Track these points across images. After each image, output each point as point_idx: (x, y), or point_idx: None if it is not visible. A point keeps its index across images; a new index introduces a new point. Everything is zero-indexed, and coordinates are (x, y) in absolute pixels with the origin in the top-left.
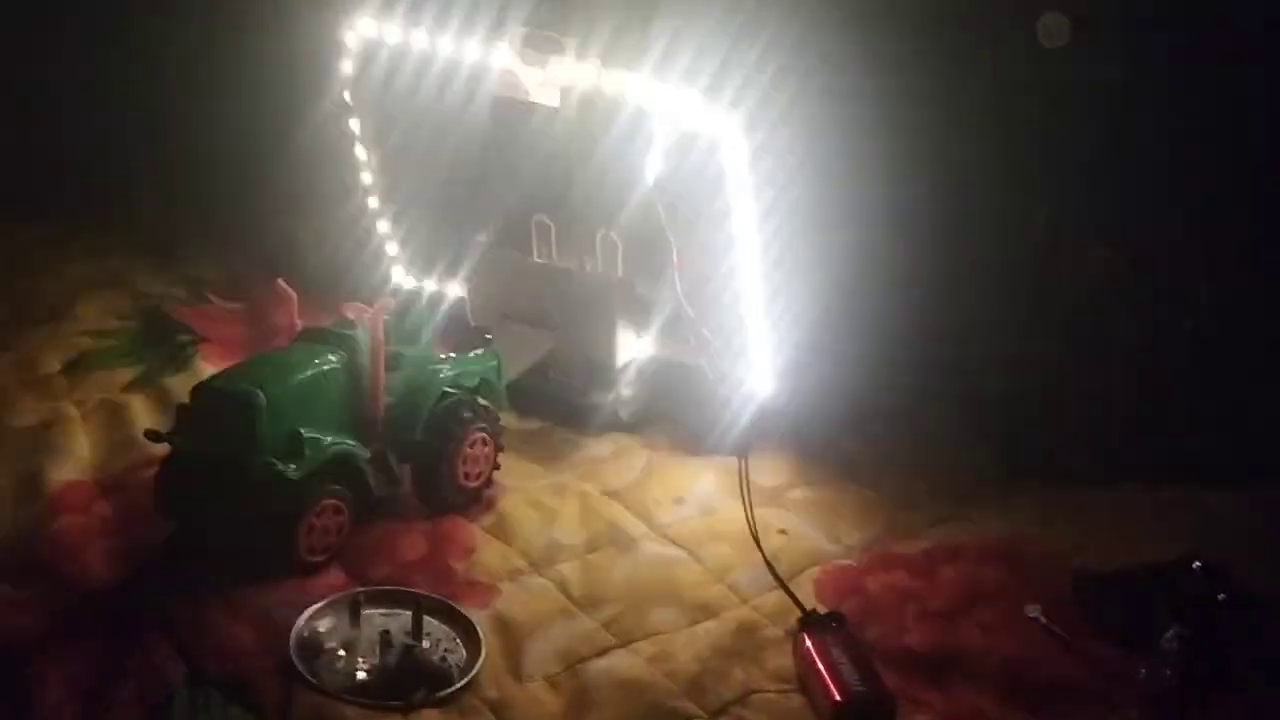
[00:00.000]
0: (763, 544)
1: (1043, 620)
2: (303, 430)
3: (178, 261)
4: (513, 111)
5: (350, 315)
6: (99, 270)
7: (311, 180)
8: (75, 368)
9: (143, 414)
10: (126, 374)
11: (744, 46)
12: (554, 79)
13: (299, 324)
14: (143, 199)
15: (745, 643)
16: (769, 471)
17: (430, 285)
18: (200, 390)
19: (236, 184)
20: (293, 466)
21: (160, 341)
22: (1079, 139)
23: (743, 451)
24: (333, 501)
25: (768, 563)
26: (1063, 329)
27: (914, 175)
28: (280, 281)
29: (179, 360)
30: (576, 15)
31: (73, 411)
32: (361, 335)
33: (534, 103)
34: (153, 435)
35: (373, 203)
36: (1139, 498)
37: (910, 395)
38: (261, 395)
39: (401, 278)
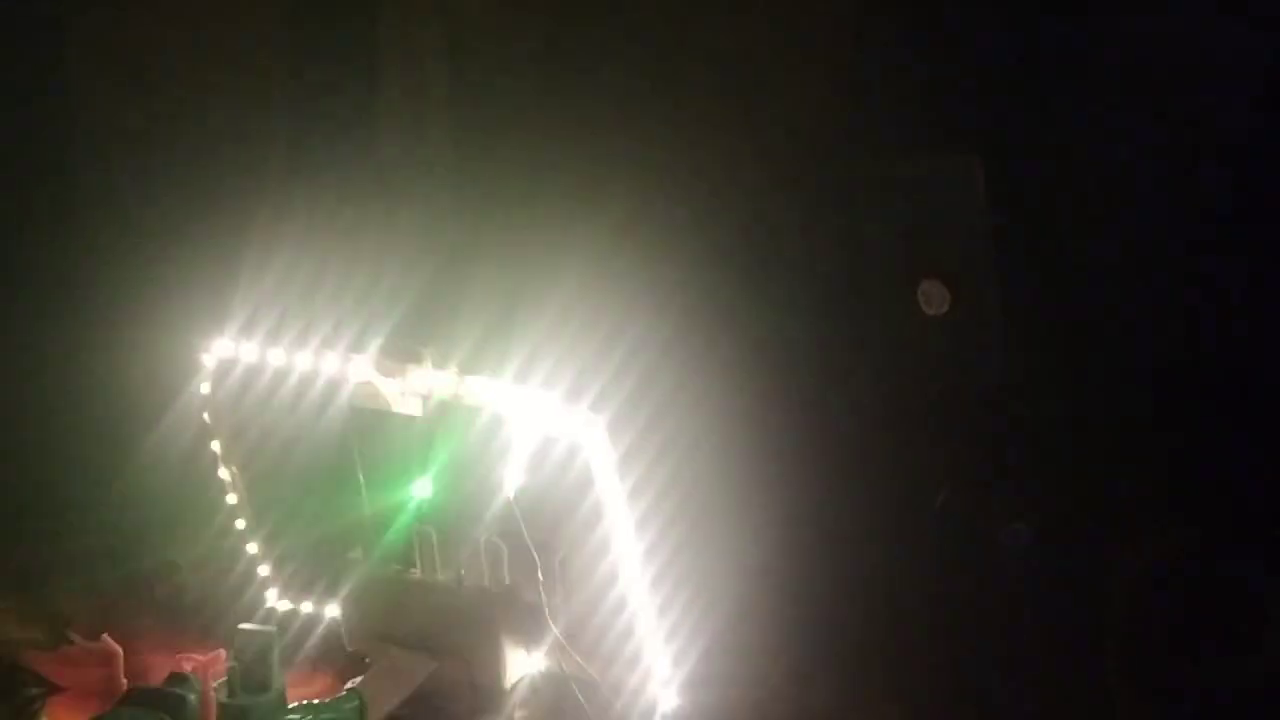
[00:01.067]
0: None
1: None
2: None
3: (40, 599)
4: (373, 420)
5: (185, 668)
6: None
7: (183, 502)
8: None
9: None
10: None
11: (608, 352)
12: (413, 388)
13: (125, 683)
14: (5, 532)
15: None
16: None
17: (306, 608)
18: None
19: (105, 509)
20: None
21: (6, 697)
22: (966, 414)
23: None
24: None
25: None
26: (979, 609)
27: (804, 470)
28: (106, 636)
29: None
30: (437, 327)
31: None
32: (193, 695)
33: (394, 413)
34: None
35: (241, 524)
36: None
37: (841, 694)
38: None
39: (276, 601)
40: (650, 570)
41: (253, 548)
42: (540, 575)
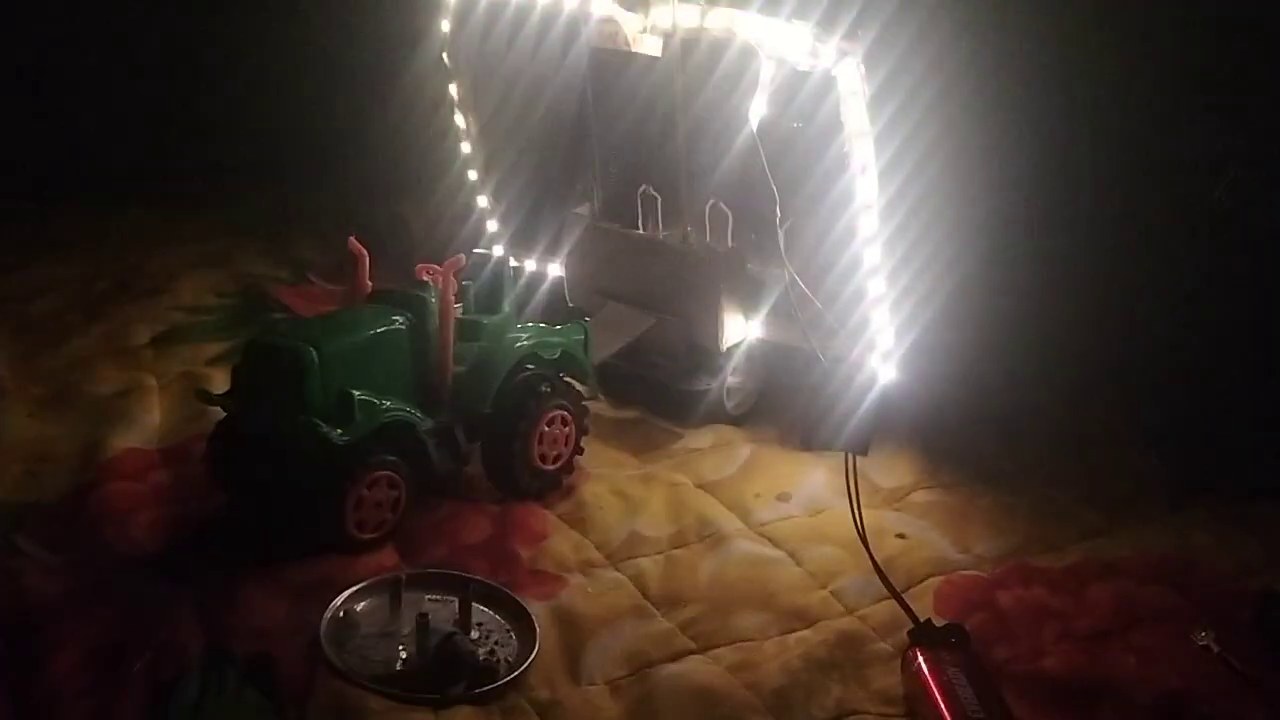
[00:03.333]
0: (876, 548)
1: (1215, 648)
2: (356, 392)
3: (284, 244)
4: (613, 62)
5: (424, 277)
6: (205, 250)
7: (416, 159)
8: (164, 341)
9: (221, 387)
10: (213, 348)
11: None
12: (656, 26)
13: (370, 285)
14: (254, 184)
15: (845, 656)
16: (891, 471)
17: (530, 264)
18: (251, 346)
19: (344, 166)
20: (339, 431)
21: (253, 318)
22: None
23: (860, 448)
24: (386, 474)
25: (877, 567)
26: (1245, 311)
27: (1071, 125)
28: (353, 239)
29: None
30: None
31: (152, 382)
32: (432, 298)
33: (634, 53)
34: (204, 397)
35: (472, 175)
36: None
37: (1067, 390)
38: (312, 352)
39: (500, 253)
40: (886, 229)
41: (482, 201)
42: (779, 214)
